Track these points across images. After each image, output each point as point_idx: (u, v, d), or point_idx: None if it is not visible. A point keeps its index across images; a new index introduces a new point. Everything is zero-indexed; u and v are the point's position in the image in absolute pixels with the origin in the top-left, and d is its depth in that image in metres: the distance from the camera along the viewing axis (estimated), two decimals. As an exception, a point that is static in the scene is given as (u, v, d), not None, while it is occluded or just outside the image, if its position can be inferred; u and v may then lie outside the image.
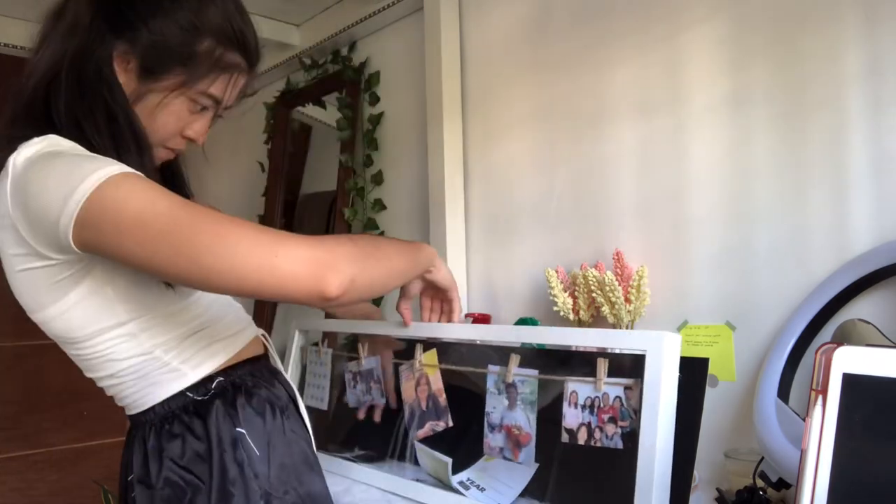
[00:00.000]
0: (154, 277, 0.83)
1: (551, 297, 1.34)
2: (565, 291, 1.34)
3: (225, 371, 0.93)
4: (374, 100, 1.95)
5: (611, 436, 0.90)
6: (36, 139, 0.79)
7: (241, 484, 0.85)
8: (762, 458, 0.99)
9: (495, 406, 1.06)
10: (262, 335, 1.03)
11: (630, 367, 0.91)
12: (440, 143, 1.64)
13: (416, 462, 1.17)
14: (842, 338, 0.96)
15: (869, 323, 0.96)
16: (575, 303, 1.33)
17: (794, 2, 1.11)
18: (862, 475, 0.60)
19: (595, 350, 0.95)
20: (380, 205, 1.91)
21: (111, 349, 0.86)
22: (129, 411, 0.93)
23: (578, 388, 0.95)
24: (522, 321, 1.40)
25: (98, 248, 0.74)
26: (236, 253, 0.70)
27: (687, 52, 1.25)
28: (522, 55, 1.55)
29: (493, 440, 1.06)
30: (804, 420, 0.64)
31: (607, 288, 1.25)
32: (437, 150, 1.65)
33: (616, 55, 1.36)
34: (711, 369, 1.17)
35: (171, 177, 0.97)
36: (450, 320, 1.11)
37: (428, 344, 1.17)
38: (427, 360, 1.17)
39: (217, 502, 0.84)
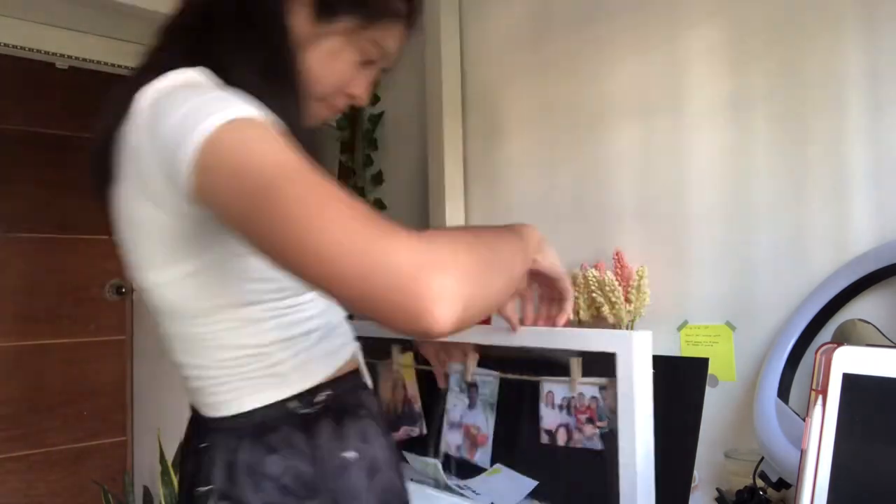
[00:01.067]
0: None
1: (551, 297, 1.34)
2: (565, 291, 1.34)
3: (330, 384, 0.81)
4: (374, 99, 1.95)
5: (589, 436, 0.89)
6: (171, 72, 0.70)
7: None
8: (762, 458, 0.99)
9: (456, 404, 1.04)
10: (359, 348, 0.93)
11: (604, 366, 0.87)
12: (440, 143, 1.64)
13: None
14: (842, 338, 0.96)
15: (869, 323, 0.96)
16: (575, 303, 1.33)
17: (794, 3, 1.11)
18: (862, 475, 0.60)
19: (566, 350, 0.91)
20: (380, 205, 1.91)
21: (224, 332, 0.75)
22: (211, 412, 0.79)
23: (554, 388, 0.93)
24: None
25: (206, 199, 0.63)
26: (329, 239, 0.55)
27: (687, 53, 1.25)
28: (522, 55, 1.55)
29: (451, 438, 1.04)
30: (804, 420, 0.64)
31: (607, 288, 1.25)
32: (437, 150, 1.65)
33: (616, 55, 1.36)
34: (711, 369, 1.17)
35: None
36: (559, 319, 0.93)
37: (406, 345, 1.15)
38: (404, 361, 1.16)
39: None
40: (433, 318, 0.54)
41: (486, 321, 1.54)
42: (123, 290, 2.95)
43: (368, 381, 0.89)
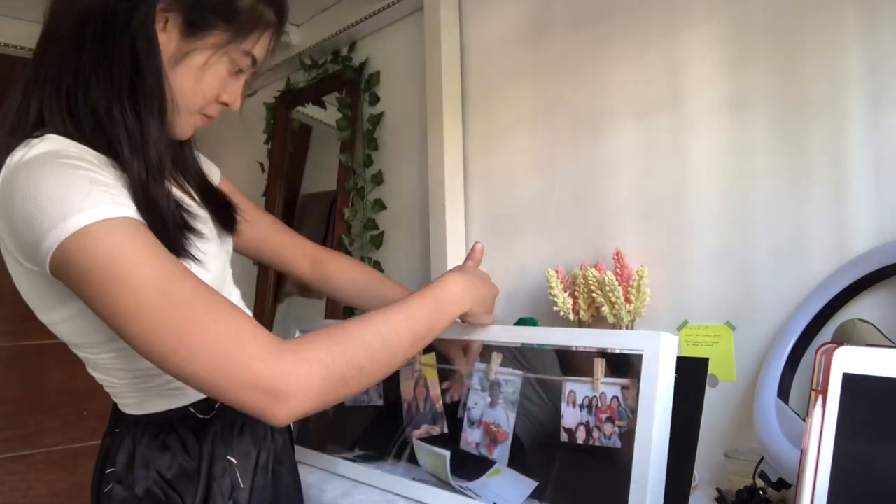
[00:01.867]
0: None
1: (551, 297, 1.34)
2: (565, 291, 1.34)
3: None
4: (374, 100, 1.95)
5: (609, 435, 0.90)
6: (34, 140, 0.72)
7: None
8: (762, 458, 0.99)
9: (477, 402, 1.06)
10: None
11: (627, 366, 0.90)
12: (440, 143, 1.64)
13: (415, 462, 1.17)
14: (842, 338, 0.96)
15: (869, 323, 0.96)
16: (575, 303, 1.33)
17: (794, 2, 1.11)
18: (862, 475, 0.60)
19: (594, 350, 0.95)
20: (380, 205, 1.91)
21: (116, 359, 0.84)
22: (125, 409, 0.91)
23: (576, 388, 0.95)
24: (522, 321, 1.40)
25: (71, 288, 0.69)
26: (199, 359, 0.65)
27: (687, 52, 1.25)
28: (522, 55, 1.55)
29: (469, 435, 1.06)
30: (804, 420, 0.64)
31: (607, 288, 1.25)
32: (437, 150, 1.65)
33: (616, 55, 1.36)
34: (711, 369, 1.17)
35: (182, 154, 0.91)
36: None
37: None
38: (426, 360, 1.17)
39: None
40: (277, 419, 0.66)
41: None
42: (123, 290, 2.95)
43: None
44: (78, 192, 0.66)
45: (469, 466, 1.08)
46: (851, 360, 0.62)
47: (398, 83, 1.89)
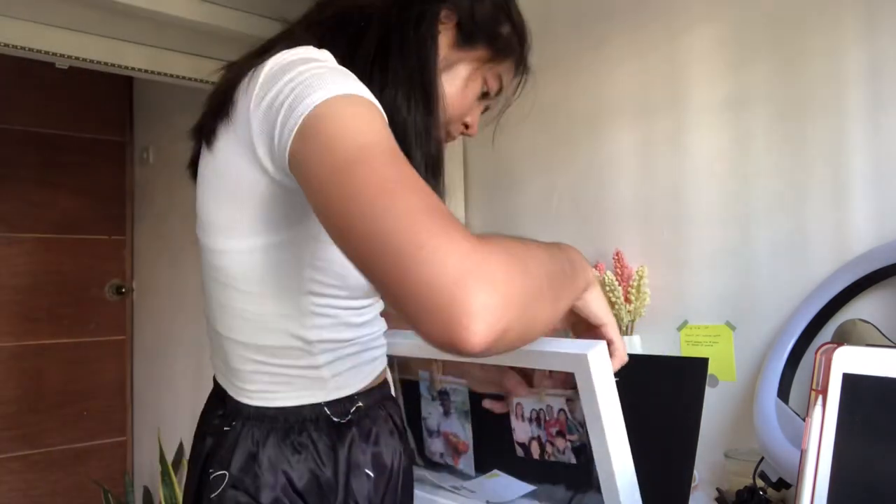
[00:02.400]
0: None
1: (551, 297, 1.34)
2: (565, 291, 1.34)
3: (362, 395, 0.80)
4: (374, 100, 1.94)
5: (562, 450, 0.85)
6: (297, 46, 0.69)
7: None
8: (762, 458, 0.99)
9: (431, 412, 1.01)
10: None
11: (569, 377, 0.79)
12: (440, 143, 1.64)
13: (414, 462, 1.17)
14: (842, 338, 0.96)
15: (869, 323, 0.96)
16: (575, 303, 1.33)
17: (794, 2, 1.11)
18: (862, 475, 0.60)
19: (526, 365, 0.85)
20: (380, 205, 1.91)
21: (276, 318, 0.73)
22: (242, 397, 0.77)
23: (522, 400, 0.88)
24: (522, 321, 1.40)
25: (298, 168, 0.60)
26: (391, 221, 0.51)
27: (687, 53, 1.25)
28: (522, 55, 1.55)
29: (433, 445, 1.02)
30: (804, 420, 0.64)
31: (607, 288, 1.25)
32: (437, 150, 1.65)
33: (616, 55, 1.36)
34: (711, 369, 1.17)
35: None
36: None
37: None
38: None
39: None
40: (468, 332, 0.48)
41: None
42: (123, 290, 2.95)
43: (394, 392, 0.89)
44: (329, 74, 0.63)
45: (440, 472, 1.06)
46: (851, 360, 0.62)
47: (398, 83, 1.89)
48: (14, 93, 2.73)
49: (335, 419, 0.77)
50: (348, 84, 0.62)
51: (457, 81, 0.82)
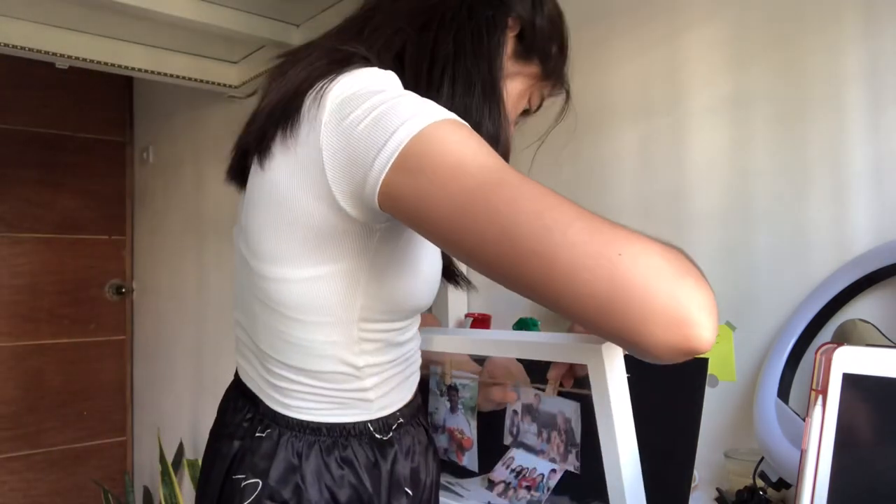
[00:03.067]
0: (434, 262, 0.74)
1: (551, 297, 1.34)
2: (565, 291, 1.34)
3: (402, 410, 0.80)
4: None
5: (565, 457, 0.85)
6: (363, 69, 0.66)
7: None
8: (762, 458, 0.99)
9: (437, 407, 1.02)
10: None
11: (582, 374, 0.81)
12: (440, 143, 1.63)
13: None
14: (842, 338, 0.96)
15: (869, 323, 0.96)
16: (575, 303, 1.33)
17: (794, 2, 1.11)
18: (862, 475, 0.60)
19: (537, 359, 0.86)
20: (380, 205, 1.90)
21: (325, 345, 0.71)
22: (280, 408, 0.74)
23: (529, 401, 0.89)
24: (522, 321, 1.40)
25: (402, 202, 0.58)
26: (566, 235, 0.49)
27: (687, 52, 1.25)
28: (522, 55, 1.55)
29: (437, 441, 1.01)
30: (804, 420, 0.64)
31: (607, 288, 1.25)
32: (437, 150, 1.64)
33: (616, 55, 1.36)
34: (711, 369, 1.17)
35: None
36: None
37: None
38: None
39: None
40: (701, 329, 0.48)
41: (486, 319, 1.54)
42: (123, 290, 2.96)
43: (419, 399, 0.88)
44: (424, 101, 0.61)
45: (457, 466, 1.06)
46: (851, 360, 0.62)
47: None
48: (14, 93, 2.73)
49: (378, 436, 0.76)
50: (434, 109, 0.59)
51: (513, 94, 0.81)
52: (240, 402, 0.78)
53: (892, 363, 0.60)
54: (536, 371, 0.87)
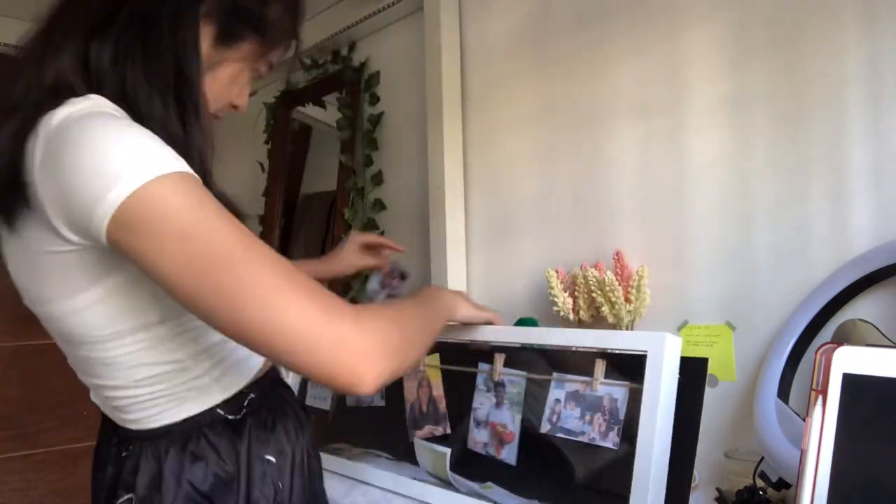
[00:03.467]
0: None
1: (551, 297, 1.34)
2: (565, 291, 1.34)
3: (252, 387, 0.83)
4: (374, 100, 1.95)
5: (606, 435, 0.90)
6: (76, 98, 0.65)
7: None
8: (762, 458, 0.99)
9: (482, 403, 1.07)
10: None
11: (628, 367, 0.90)
12: (440, 143, 1.64)
13: (415, 462, 1.17)
14: (842, 338, 0.96)
15: (869, 323, 0.96)
16: (575, 303, 1.33)
17: (794, 2, 1.11)
18: (862, 475, 0.60)
19: (595, 350, 0.95)
20: (380, 205, 1.91)
21: (134, 354, 0.73)
22: (134, 426, 0.79)
23: (575, 388, 0.95)
24: (522, 321, 1.40)
25: (129, 253, 0.62)
26: (284, 318, 0.60)
27: (687, 52, 1.25)
28: (522, 55, 1.55)
29: (478, 435, 1.07)
30: (804, 420, 0.64)
31: (607, 288, 1.25)
32: (437, 150, 1.65)
33: (616, 55, 1.36)
34: (711, 369, 1.17)
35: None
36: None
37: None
38: (429, 360, 1.17)
39: None
40: (365, 385, 0.63)
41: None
42: (123, 290, 2.96)
43: (287, 378, 0.94)
44: (145, 143, 0.61)
45: (471, 466, 1.08)
46: (851, 360, 0.62)
47: (398, 83, 1.89)
48: (14, 93, 2.73)
49: (230, 417, 0.79)
50: (163, 160, 0.61)
51: (219, 79, 0.77)
52: (107, 431, 0.84)
53: (892, 363, 0.60)
54: (584, 363, 0.96)
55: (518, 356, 1.05)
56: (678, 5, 1.26)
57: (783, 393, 1.03)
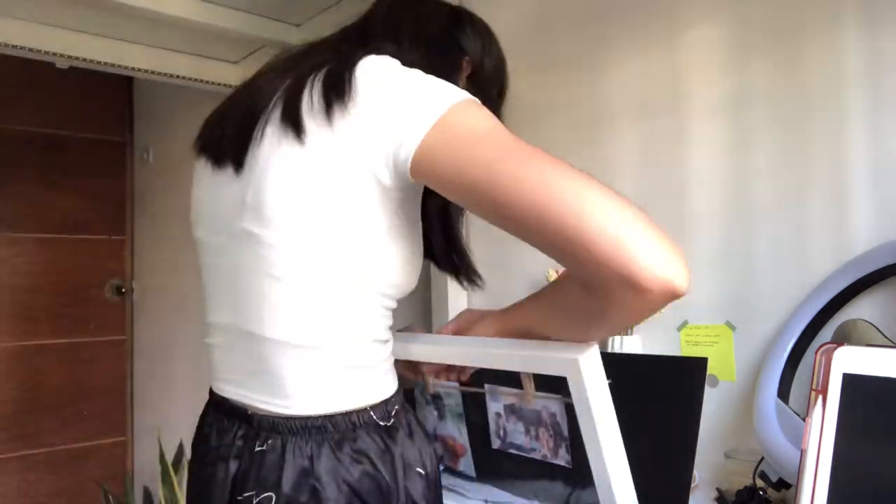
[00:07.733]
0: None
1: (551, 297, 1.34)
2: (565, 291, 1.34)
3: (396, 395, 0.79)
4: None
5: (556, 452, 0.85)
6: (386, 56, 0.74)
7: None
8: (762, 458, 0.99)
9: (426, 416, 1.02)
10: None
11: (556, 379, 0.77)
12: (440, 143, 1.63)
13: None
14: (842, 338, 0.96)
15: (869, 323, 0.96)
16: (575, 303, 1.33)
17: (794, 3, 1.11)
18: (862, 475, 0.60)
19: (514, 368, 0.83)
20: (380, 205, 1.90)
21: (341, 317, 0.72)
22: (292, 410, 0.73)
23: (511, 401, 0.89)
24: (522, 321, 1.40)
25: (437, 162, 0.66)
26: (581, 189, 0.67)
27: (687, 53, 1.25)
28: (523, 56, 1.55)
29: None
30: (804, 420, 0.64)
31: (607, 288, 1.25)
32: (437, 150, 1.64)
33: (616, 56, 1.36)
34: (711, 369, 1.17)
35: None
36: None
37: None
38: None
39: None
40: (683, 276, 0.61)
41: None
42: (123, 290, 2.96)
43: None
44: (443, 84, 0.70)
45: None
46: (851, 360, 0.62)
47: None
48: (14, 93, 2.73)
49: (381, 423, 0.75)
50: (462, 91, 0.69)
51: None
52: (224, 422, 0.77)
53: (892, 363, 0.60)
54: (514, 374, 0.84)
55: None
56: (678, 6, 1.26)
57: (783, 393, 1.03)
